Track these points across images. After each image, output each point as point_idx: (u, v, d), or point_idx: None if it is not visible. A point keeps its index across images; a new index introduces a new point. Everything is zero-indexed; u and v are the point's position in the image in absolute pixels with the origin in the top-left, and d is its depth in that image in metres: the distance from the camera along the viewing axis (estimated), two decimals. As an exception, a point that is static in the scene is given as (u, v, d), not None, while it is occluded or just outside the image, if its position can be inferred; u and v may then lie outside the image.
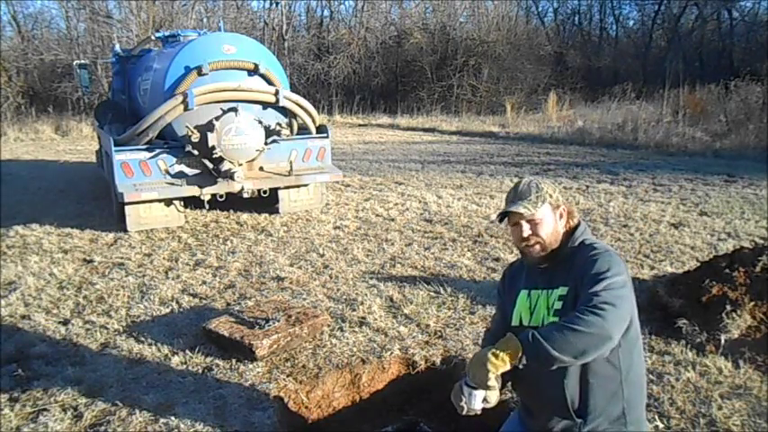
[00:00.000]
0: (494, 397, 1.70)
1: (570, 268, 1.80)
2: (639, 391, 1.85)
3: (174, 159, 6.17)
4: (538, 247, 1.85)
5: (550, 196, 1.86)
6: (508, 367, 1.62)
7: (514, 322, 1.91)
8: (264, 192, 6.63)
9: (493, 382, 1.64)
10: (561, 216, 1.89)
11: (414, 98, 22.51)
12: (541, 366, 1.61)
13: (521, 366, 1.61)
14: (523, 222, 1.85)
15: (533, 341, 1.59)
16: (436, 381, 3.19)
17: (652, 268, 4.69)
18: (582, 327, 1.56)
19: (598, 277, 1.67)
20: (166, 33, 8.20)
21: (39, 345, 3.58)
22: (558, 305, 1.78)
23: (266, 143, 6.37)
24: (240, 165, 6.22)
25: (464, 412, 1.73)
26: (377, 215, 6.83)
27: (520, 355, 1.60)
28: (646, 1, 27.83)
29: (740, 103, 13.57)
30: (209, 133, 5.98)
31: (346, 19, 28.05)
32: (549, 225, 1.85)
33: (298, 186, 6.95)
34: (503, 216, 1.90)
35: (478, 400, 1.70)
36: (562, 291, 1.79)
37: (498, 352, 1.63)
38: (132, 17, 20.20)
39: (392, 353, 3.35)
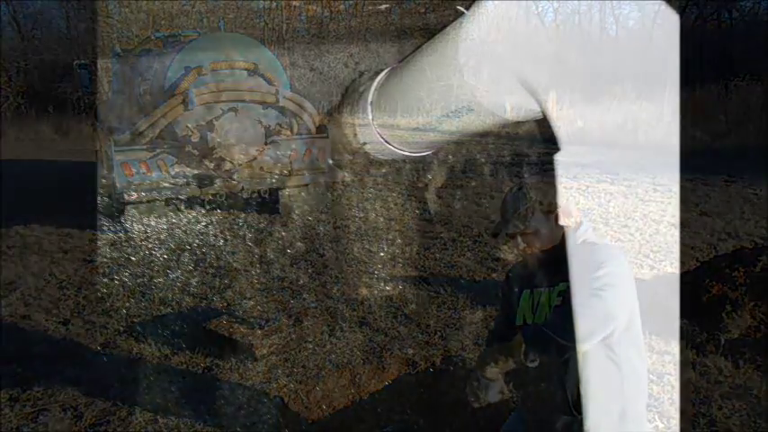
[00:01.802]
0: (505, 390, 1.75)
1: (571, 265, 1.80)
2: (640, 390, 1.85)
3: (174, 159, 6.17)
4: (535, 254, 1.88)
5: (540, 203, 1.86)
6: (511, 365, 1.64)
7: (518, 322, 1.91)
8: (264, 192, 6.63)
9: (496, 376, 1.69)
10: (557, 218, 1.89)
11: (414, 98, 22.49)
12: (551, 357, 1.62)
13: (530, 364, 1.62)
14: (517, 236, 1.87)
15: (539, 333, 1.60)
16: (436, 381, 3.19)
17: (652, 268, 4.69)
18: (585, 309, 1.57)
19: (599, 265, 1.69)
20: (166, 33, 8.21)
21: (39, 345, 3.58)
22: (559, 301, 1.79)
23: (266, 143, 6.37)
24: (240, 165, 6.22)
25: (477, 403, 1.77)
26: (378, 215, 6.82)
27: (523, 349, 1.60)
28: (646, 1, 27.83)
29: (740, 103, 13.55)
30: (209, 133, 5.98)
31: (346, 19, 28.03)
32: (543, 233, 1.86)
33: (298, 186, 6.96)
34: (495, 233, 1.91)
35: (493, 392, 1.74)
36: (562, 287, 1.79)
37: (503, 350, 1.66)
38: (132, 17, 20.17)
39: (392, 353, 3.35)
